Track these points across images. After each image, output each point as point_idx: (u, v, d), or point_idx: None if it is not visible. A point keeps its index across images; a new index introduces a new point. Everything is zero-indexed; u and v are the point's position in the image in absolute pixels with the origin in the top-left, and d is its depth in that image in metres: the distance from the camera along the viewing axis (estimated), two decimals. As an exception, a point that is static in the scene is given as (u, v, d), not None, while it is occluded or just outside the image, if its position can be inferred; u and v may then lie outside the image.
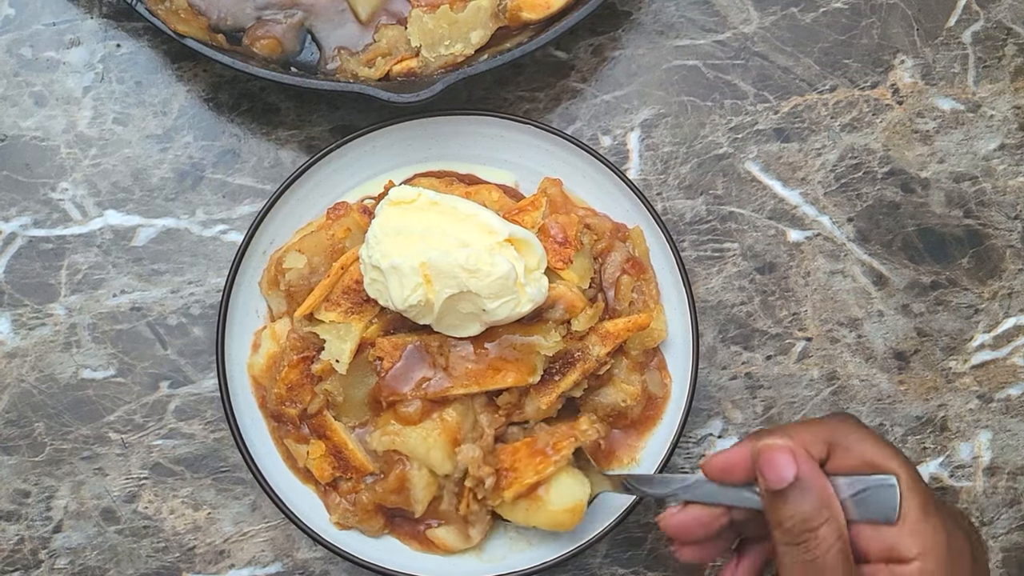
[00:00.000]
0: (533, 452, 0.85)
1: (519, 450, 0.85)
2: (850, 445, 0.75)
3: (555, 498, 0.84)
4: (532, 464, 0.84)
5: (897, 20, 1.01)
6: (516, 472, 0.84)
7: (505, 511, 0.86)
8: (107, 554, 0.95)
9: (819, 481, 0.72)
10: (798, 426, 0.77)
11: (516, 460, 0.85)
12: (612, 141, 0.99)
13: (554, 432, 0.86)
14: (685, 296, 0.90)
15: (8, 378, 0.96)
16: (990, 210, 1.00)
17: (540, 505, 0.84)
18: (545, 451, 0.84)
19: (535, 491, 0.84)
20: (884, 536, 0.72)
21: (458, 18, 0.91)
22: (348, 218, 0.89)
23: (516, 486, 0.84)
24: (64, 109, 0.97)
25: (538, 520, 0.85)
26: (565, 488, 0.84)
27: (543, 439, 0.86)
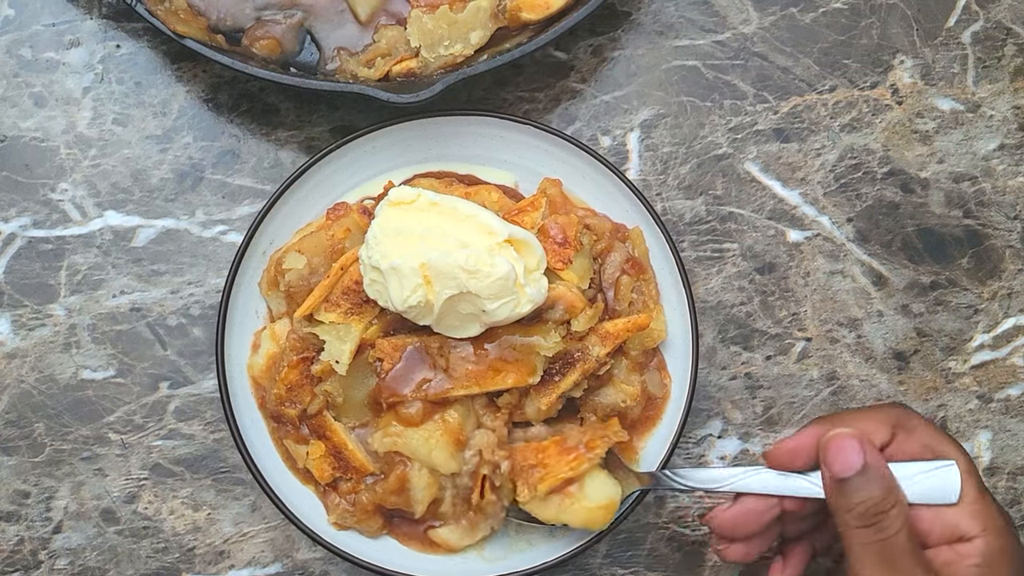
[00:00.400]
0: (564, 450, 0.85)
1: (547, 448, 0.86)
2: (911, 431, 0.78)
3: (591, 494, 0.84)
4: (565, 461, 0.84)
5: (897, 20, 1.01)
6: (547, 468, 0.84)
7: (535, 507, 0.85)
8: (107, 555, 0.95)
9: (884, 467, 0.75)
10: (861, 412, 0.81)
11: (546, 457, 0.85)
12: (612, 141, 0.99)
13: (585, 432, 0.87)
14: (685, 296, 0.90)
15: (8, 379, 0.96)
16: (990, 210, 1.00)
17: (574, 501, 0.84)
18: (577, 449, 0.85)
19: (567, 488, 0.84)
20: (945, 517, 0.76)
21: (458, 18, 0.91)
22: (348, 219, 0.89)
23: (550, 480, 0.84)
24: (64, 110, 0.97)
25: (570, 516, 0.84)
26: (600, 485, 0.85)
27: (574, 437, 0.86)
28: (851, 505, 0.74)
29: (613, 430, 0.87)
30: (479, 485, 0.85)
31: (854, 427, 0.78)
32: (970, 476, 0.76)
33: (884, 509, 0.74)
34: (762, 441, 0.97)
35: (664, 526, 0.97)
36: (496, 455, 0.84)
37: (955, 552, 0.75)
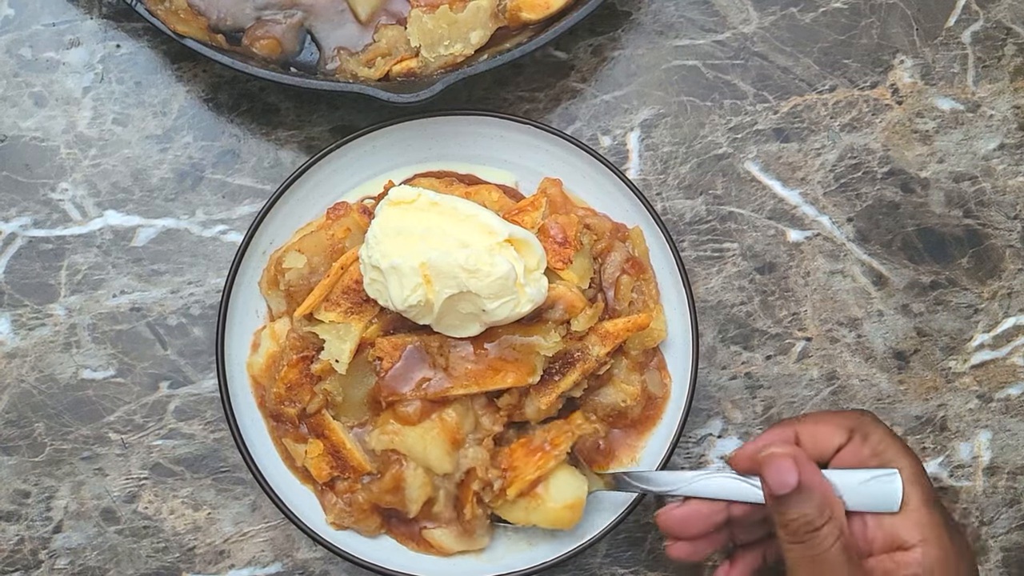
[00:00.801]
0: (530, 450, 0.85)
1: (515, 451, 0.86)
2: (866, 437, 0.80)
3: (555, 494, 0.85)
4: (531, 461, 0.85)
5: (897, 20, 1.01)
6: (516, 471, 0.85)
7: (505, 511, 0.86)
8: (107, 554, 0.95)
9: (820, 485, 0.76)
10: (821, 416, 0.83)
11: (514, 460, 0.85)
12: (612, 141, 0.99)
13: (549, 429, 0.86)
14: (685, 296, 0.90)
15: (8, 378, 0.96)
16: (990, 210, 1.00)
17: (540, 503, 0.85)
18: (543, 447, 0.85)
19: (535, 489, 0.85)
20: (888, 526, 0.77)
21: (458, 18, 0.91)
22: (348, 218, 0.89)
23: (518, 484, 0.84)
24: (64, 109, 0.97)
25: (538, 518, 0.85)
26: (564, 484, 0.85)
27: (539, 437, 0.86)
28: (786, 521, 0.76)
29: (576, 423, 0.87)
30: (470, 501, 0.86)
31: (811, 430, 0.80)
32: (915, 485, 0.77)
33: (816, 526, 0.74)
34: (762, 441, 0.97)
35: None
36: (490, 473, 0.85)
37: (894, 561, 0.76)
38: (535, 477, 0.84)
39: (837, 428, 0.81)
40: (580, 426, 0.86)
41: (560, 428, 0.86)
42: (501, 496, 0.85)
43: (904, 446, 0.80)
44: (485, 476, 0.85)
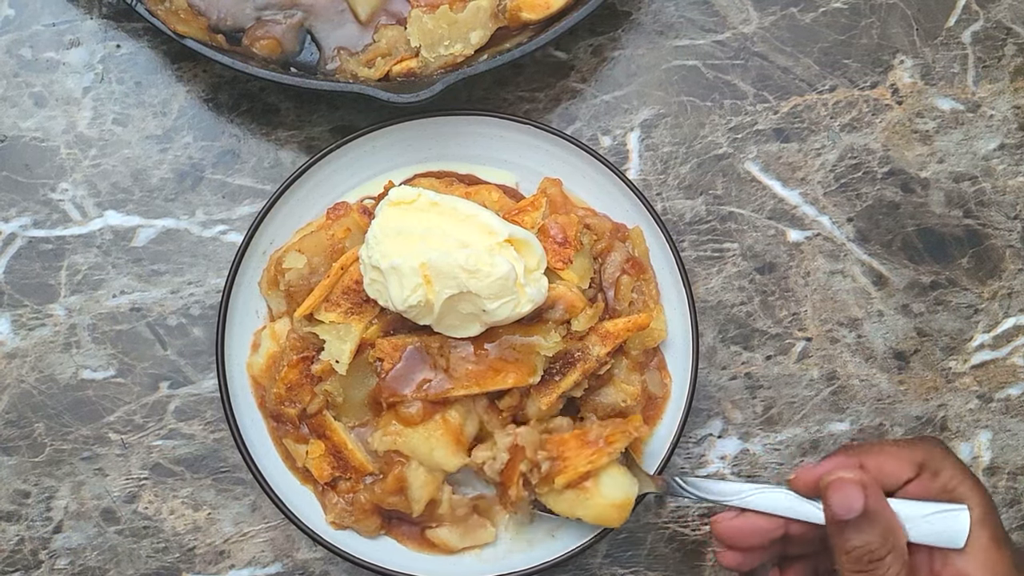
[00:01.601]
0: (583, 443, 0.84)
1: (567, 441, 0.85)
2: (936, 472, 0.78)
3: (606, 491, 0.84)
4: (584, 454, 0.84)
5: (897, 20, 1.01)
6: (566, 460, 0.84)
7: (551, 499, 0.85)
8: (107, 554, 0.95)
9: (885, 513, 0.75)
10: (889, 446, 0.80)
11: (566, 449, 0.85)
12: (612, 141, 0.99)
13: (606, 426, 0.86)
14: (685, 296, 0.90)
15: (8, 379, 0.96)
16: (990, 210, 1.00)
17: (589, 497, 0.84)
18: (597, 443, 0.84)
19: (584, 482, 0.84)
20: (954, 563, 0.75)
21: (458, 18, 0.91)
22: (348, 218, 0.89)
23: (568, 473, 0.83)
24: (64, 110, 0.97)
25: (585, 512, 0.84)
26: (616, 482, 0.84)
27: (595, 431, 0.85)
28: (847, 547, 0.75)
29: (634, 425, 0.86)
30: (515, 482, 0.85)
31: (878, 462, 0.78)
32: (985, 526, 0.75)
33: (879, 556, 0.74)
34: (762, 441, 0.97)
35: (664, 526, 0.97)
36: (539, 455, 0.84)
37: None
38: (586, 470, 0.83)
39: (906, 463, 0.78)
40: (639, 428, 0.86)
41: (618, 427, 0.86)
42: (548, 482, 0.84)
43: (976, 482, 0.78)
44: (534, 456, 0.84)
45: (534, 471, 0.84)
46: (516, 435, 0.85)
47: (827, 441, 0.97)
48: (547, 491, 0.85)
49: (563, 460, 0.84)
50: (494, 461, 0.85)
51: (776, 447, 0.97)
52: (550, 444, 0.85)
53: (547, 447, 0.85)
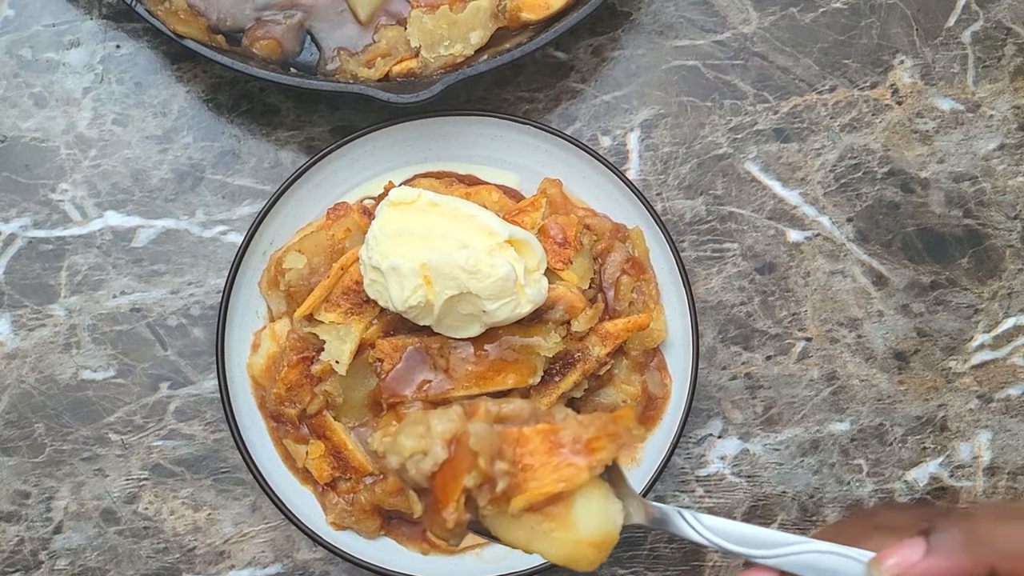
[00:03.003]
0: (552, 446, 0.60)
1: (531, 439, 0.60)
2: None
3: (581, 521, 0.60)
4: (553, 466, 0.60)
5: (896, 20, 1.01)
6: (530, 472, 0.60)
7: (499, 524, 0.61)
8: (107, 555, 0.95)
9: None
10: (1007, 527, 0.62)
11: (526, 452, 0.60)
12: (612, 141, 0.99)
13: (587, 424, 0.61)
14: (685, 296, 0.90)
15: (8, 379, 0.96)
16: (990, 210, 1.00)
17: (555, 528, 0.60)
18: (574, 448, 0.60)
19: (550, 506, 0.60)
20: None
21: (458, 19, 0.91)
22: (348, 219, 0.89)
23: (530, 493, 0.59)
24: (64, 110, 0.97)
25: (547, 547, 0.60)
26: (594, 510, 0.61)
27: (571, 431, 0.60)
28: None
29: (626, 425, 0.61)
30: (455, 500, 0.59)
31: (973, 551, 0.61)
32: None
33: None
34: (762, 441, 0.97)
35: (664, 526, 0.97)
36: (497, 467, 0.59)
37: None
38: (556, 491, 0.59)
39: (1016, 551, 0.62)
40: (632, 431, 0.61)
41: (604, 426, 0.61)
42: (501, 502, 0.59)
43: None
44: (489, 468, 0.59)
45: (484, 489, 0.59)
46: (464, 425, 0.59)
47: (827, 441, 0.98)
48: (495, 512, 0.60)
49: (523, 470, 0.59)
50: (423, 459, 0.59)
51: (776, 447, 0.97)
52: (504, 443, 0.59)
53: (504, 452, 0.59)
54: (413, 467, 0.60)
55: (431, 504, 0.60)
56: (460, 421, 0.59)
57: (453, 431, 0.59)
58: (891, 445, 0.98)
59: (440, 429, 0.59)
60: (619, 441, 0.61)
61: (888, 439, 0.98)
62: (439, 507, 0.59)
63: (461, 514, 0.59)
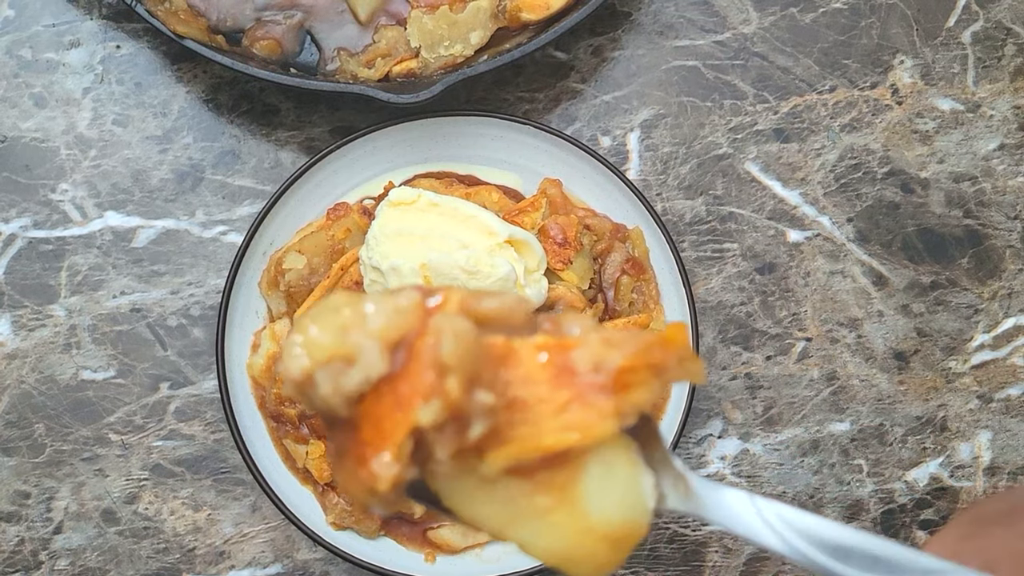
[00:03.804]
0: (558, 373, 0.39)
1: (523, 359, 0.39)
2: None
3: (596, 497, 0.40)
4: (556, 404, 0.39)
5: (897, 20, 1.01)
6: (518, 413, 0.39)
7: (461, 495, 0.40)
8: (107, 555, 0.95)
9: None
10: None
11: (515, 380, 0.39)
12: (612, 141, 0.99)
13: (614, 344, 0.40)
14: (685, 296, 0.90)
15: (8, 379, 0.96)
16: (990, 210, 1.00)
17: (554, 506, 0.40)
18: (592, 381, 0.39)
19: (547, 469, 0.39)
20: None
21: (458, 19, 0.91)
22: (348, 219, 0.89)
23: (518, 446, 0.39)
24: (64, 110, 0.97)
25: (537, 535, 0.40)
26: (619, 482, 0.40)
27: (589, 352, 0.39)
28: None
29: (677, 352, 0.40)
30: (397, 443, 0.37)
31: None
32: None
33: None
34: (762, 441, 0.97)
35: (664, 526, 0.97)
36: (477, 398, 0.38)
37: None
38: (561, 446, 0.39)
39: None
40: (683, 362, 0.41)
41: (645, 349, 0.39)
42: (471, 457, 0.39)
43: None
44: (462, 397, 0.37)
45: (448, 431, 0.37)
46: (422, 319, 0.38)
47: (827, 441, 0.98)
48: (458, 472, 0.39)
49: (510, 410, 0.39)
50: (346, 370, 0.38)
51: (776, 447, 0.97)
52: (483, 362, 0.38)
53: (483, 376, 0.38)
54: (329, 382, 0.38)
55: (352, 445, 0.38)
56: (415, 311, 0.38)
57: (402, 329, 0.37)
58: (891, 445, 0.98)
59: (381, 323, 0.37)
60: (666, 375, 0.39)
61: (888, 439, 0.98)
62: (366, 452, 0.37)
63: (403, 468, 0.37)
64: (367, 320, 0.38)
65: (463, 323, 0.37)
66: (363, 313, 0.38)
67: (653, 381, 0.39)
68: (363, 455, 0.37)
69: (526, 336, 0.40)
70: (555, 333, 0.40)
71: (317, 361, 0.38)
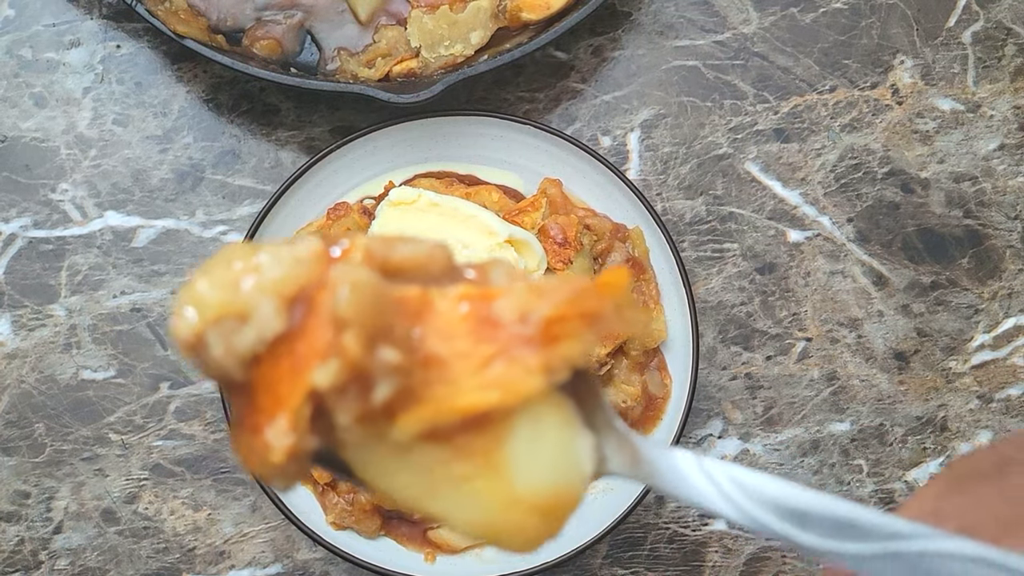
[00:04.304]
0: (480, 325, 0.35)
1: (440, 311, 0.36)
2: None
3: (524, 463, 0.36)
4: (477, 359, 0.35)
5: (897, 20, 1.01)
6: (434, 370, 0.35)
7: (373, 462, 0.36)
8: (107, 555, 0.95)
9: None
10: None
11: (431, 333, 0.35)
12: (612, 141, 0.99)
13: (543, 293, 0.36)
14: (685, 296, 0.90)
15: (8, 379, 0.96)
16: (990, 210, 1.00)
17: (476, 473, 0.35)
18: (518, 333, 0.35)
19: (468, 433, 0.35)
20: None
21: (458, 19, 0.91)
22: (348, 219, 0.89)
23: (434, 407, 0.35)
24: (64, 110, 0.97)
25: (458, 507, 0.36)
26: (550, 444, 0.37)
27: (515, 301, 0.36)
28: None
29: (613, 300, 0.37)
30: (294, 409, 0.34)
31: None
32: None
33: None
34: (762, 441, 0.97)
35: (664, 526, 0.97)
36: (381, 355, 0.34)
37: None
38: (482, 406, 0.35)
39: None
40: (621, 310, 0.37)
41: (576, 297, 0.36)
42: (380, 421, 0.35)
43: None
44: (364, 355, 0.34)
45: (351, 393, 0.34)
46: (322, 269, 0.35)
47: (827, 441, 0.98)
48: (367, 438, 0.35)
49: (425, 367, 0.35)
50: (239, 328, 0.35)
51: (776, 447, 0.97)
52: (395, 314, 0.35)
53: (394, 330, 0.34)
54: (220, 343, 0.34)
55: (248, 414, 0.35)
56: (315, 263, 0.35)
57: (300, 281, 0.34)
58: (891, 445, 0.98)
59: (276, 275, 0.34)
60: (599, 325, 0.35)
61: (888, 439, 0.98)
62: (260, 420, 0.34)
63: (301, 438, 0.33)
64: (261, 272, 0.34)
65: (363, 272, 0.34)
66: (257, 265, 0.34)
67: (586, 332, 0.35)
68: (257, 424, 0.34)
69: (446, 286, 0.36)
70: (479, 283, 0.36)
71: (207, 320, 0.34)
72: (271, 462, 0.33)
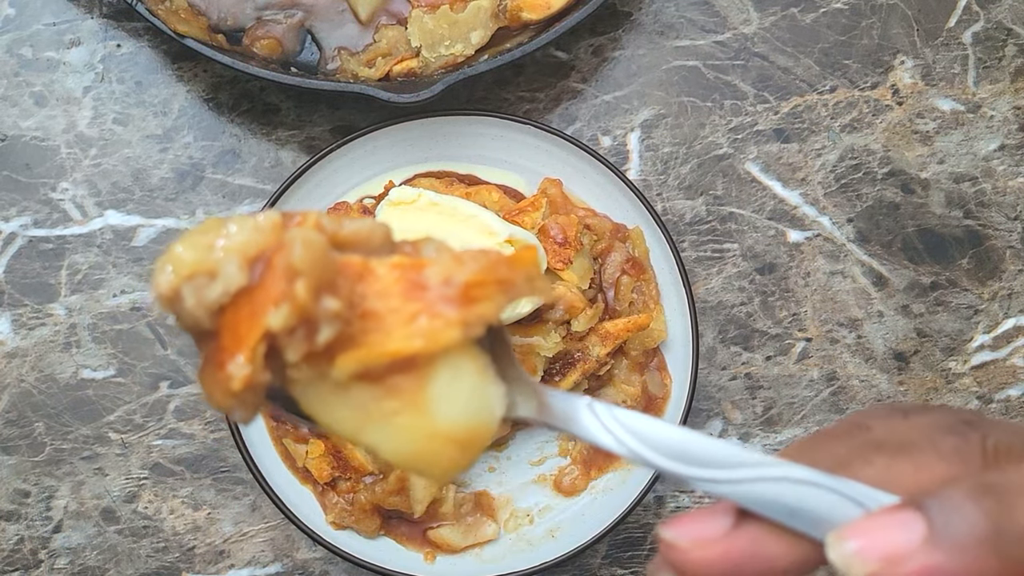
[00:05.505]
0: (411, 287, 0.42)
1: (379, 276, 0.42)
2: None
3: (443, 401, 0.42)
4: (406, 313, 0.41)
5: (897, 20, 1.01)
6: (370, 322, 0.42)
7: (317, 399, 0.43)
8: (107, 554, 0.95)
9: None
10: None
11: (370, 294, 0.42)
12: (612, 141, 0.99)
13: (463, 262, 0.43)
14: (685, 296, 0.90)
15: (8, 378, 0.96)
16: (990, 211, 1.00)
17: (401, 409, 0.42)
18: (442, 294, 0.42)
19: (397, 374, 0.42)
20: None
21: (458, 18, 0.91)
22: (348, 218, 0.89)
23: (367, 350, 0.41)
24: (64, 109, 0.97)
25: (386, 438, 0.42)
26: (465, 387, 0.43)
27: (440, 269, 0.42)
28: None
29: (524, 270, 0.43)
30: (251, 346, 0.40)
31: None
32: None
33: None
34: (762, 441, 0.97)
35: (664, 526, 0.97)
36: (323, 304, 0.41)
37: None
38: (407, 351, 0.41)
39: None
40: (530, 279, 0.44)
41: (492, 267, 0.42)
42: (323, 361, 0.41)
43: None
44: (310, 302, 0.40)
45: (299, 335, 0.40)
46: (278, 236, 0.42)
47: (827, 441, 0.98)
48: (312, 377, 0.42)
49: (362, 319, 0.41)
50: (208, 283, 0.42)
51: (776, 448, 0.97)
52: (341, 276, 0.42)
53: (339, 287, 0.41)
54: (193, 295, 0.41)
55: (214, 353, 0.41)
56: (273, 231, 0.41)
57: (260, 245, 0.41)
58: (891, 445, 0.98)
59: (240, 240, 0.41)
60: (511, 291, 0.42)
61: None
62: (224, 357, 0.40)
63: (257, 371, 0.40)
64: (229, 238, 0.42)
65: (314, 234, 0.41)
66: (226, 233, 0.42)
67: (500, 296, 0.42)
68: (222, 360, 0.41)
69: (385, 255, 0.43)
70: (413, 254, 0.44)
71: (181, 276, 0.42)
72: (231, 390, 0.40)
